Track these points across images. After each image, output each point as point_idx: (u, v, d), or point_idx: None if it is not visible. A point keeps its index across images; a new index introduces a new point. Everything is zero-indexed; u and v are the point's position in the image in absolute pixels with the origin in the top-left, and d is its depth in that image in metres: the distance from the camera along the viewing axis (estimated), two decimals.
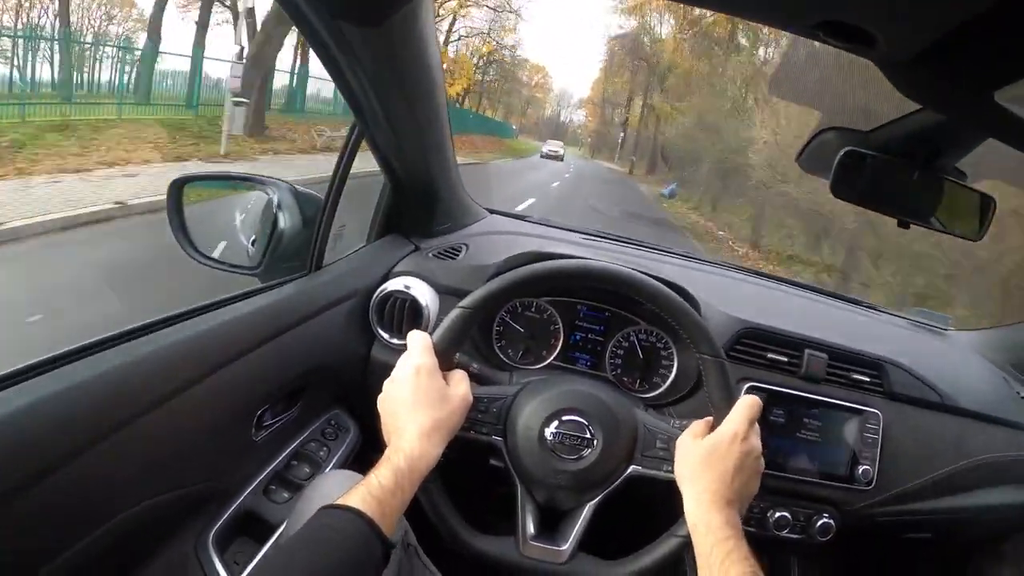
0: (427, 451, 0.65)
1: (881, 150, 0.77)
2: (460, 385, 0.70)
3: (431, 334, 0.72)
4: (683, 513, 0.69)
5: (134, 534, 0.66)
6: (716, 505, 0.65)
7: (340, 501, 0.59)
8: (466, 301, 0.73)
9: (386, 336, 1.00)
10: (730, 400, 0.71)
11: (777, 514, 0.99)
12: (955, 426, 1.05)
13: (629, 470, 0.74)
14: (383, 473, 0.62)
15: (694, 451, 0.69)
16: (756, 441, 0.70)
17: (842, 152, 0.76)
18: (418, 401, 0.67)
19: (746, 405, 0.70)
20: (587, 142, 46.84)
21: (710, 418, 0.72)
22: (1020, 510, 1.08)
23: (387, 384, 0.70)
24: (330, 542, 0.56)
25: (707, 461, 0.68)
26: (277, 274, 0.92)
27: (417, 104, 0.85)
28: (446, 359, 0.71)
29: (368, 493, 0.59)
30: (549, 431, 0.73)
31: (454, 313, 0.73)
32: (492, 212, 1.34)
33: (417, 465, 0.64)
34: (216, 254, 1.01)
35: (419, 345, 0.70)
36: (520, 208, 6.34)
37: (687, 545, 0.67)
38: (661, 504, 0.72)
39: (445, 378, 0.70)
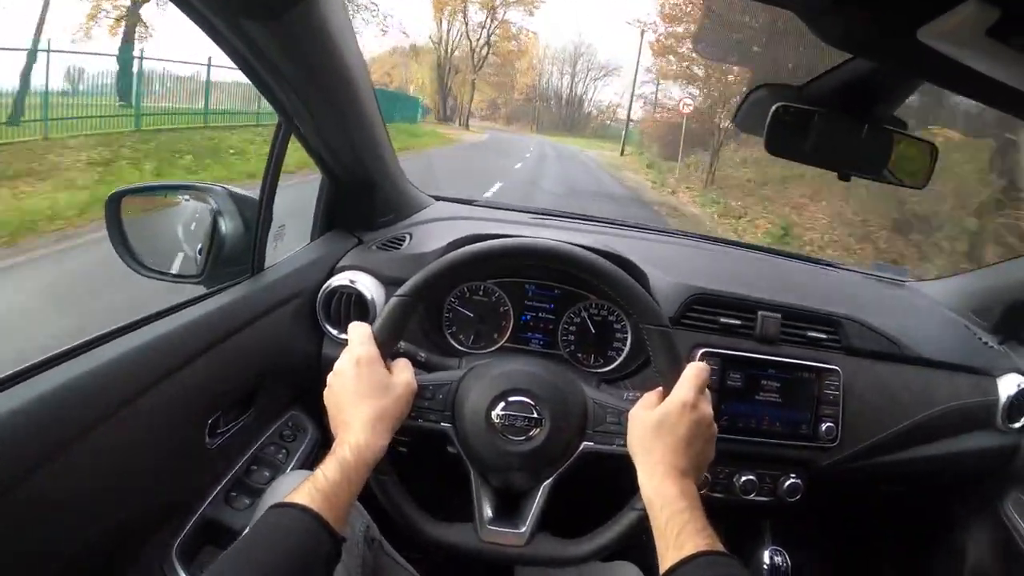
0: (372, 441, 0.65)
1: (816, 103, 0.75)
2: (403, 373, 0.70)
3: (373, 324, 0.72)
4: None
5: (95, 554, 0.66)
6: (670, 476, 0.64)
7: (287, 499, 0.58)
8: (403, 289, 0.72)
9: (335, 332, 1.00)
10: (677, 368, 0.70)
11: (743, 478, 1.00)
12: (918, 376, 1.06)
13: (581, 447, 0.73)
14: (329, 467, 0.62)
15: (645, 423, 0.68)
16: (707, 408, 0.69)
17: (773, 108, 0.75)
18: (360, 392, 0.67)
19: (694, 373, 0.69)
20: (643, 139, 19.05)
21: (660, 389, 0.71)
22: (988, 453, 1.09)
23: (330, 377, 0.70)
24: (277, 540, 0.55)
25: (658, 432, 0.67)
26: (221, 280, 0.91)
27: (338, 95, 0.83)
28: (388, 348, 0.71)
29: (314, 488, 0.59)
30: (495, 413, 0.72)
31: (392, 302, 0.72)
32: (439, 199, 1.33)
33: (364, 456, 0.63)
34: (175, 267, 0.99)
35: (359, 336, 0.70)
36: None
37: (646, 518, 0.66)
38: (620, 479, 0.71)
39: (388, 367, 0.70)
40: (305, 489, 0.59)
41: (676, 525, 0.60)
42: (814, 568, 1.22)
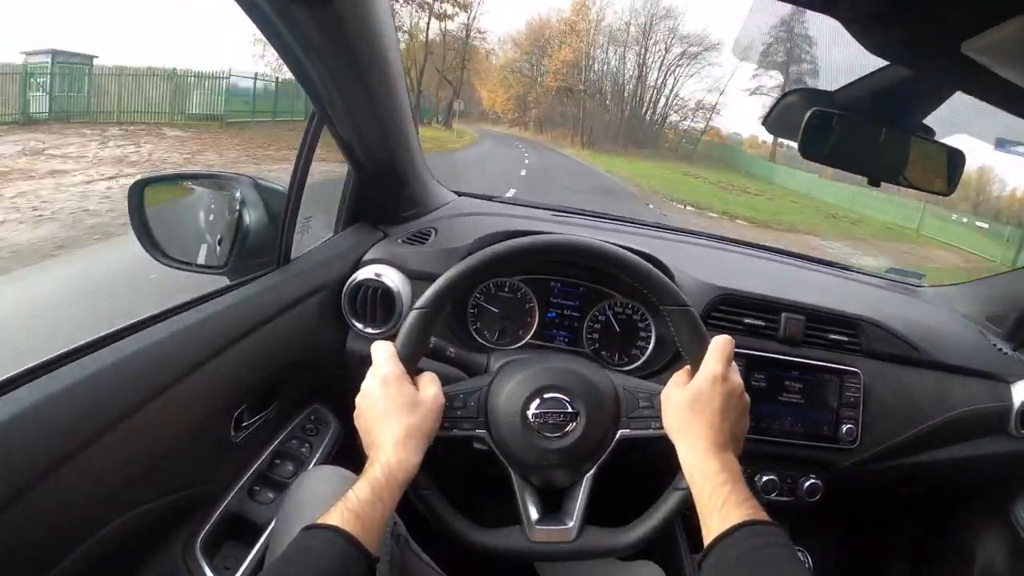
0: (404, 459, 0.65)
1: (848, 109, 0.76)
2: (430, 388, 0.70)
3: (395, 341, 0.71)
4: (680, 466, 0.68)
5: (120, 546, 0.65)
6: (710, 451, 0.65)
7: (320, 520, 0.59)
8: (421, 301, 0.72)
9: (360, 326, 0.99)
10: (702, 344, 0.70)
11: (764, 478, 1.00)
12: (935, 380, 1.07)
13: (618, 435, 0.73)
14: (361, 487, 0.62)
15: (679, 401, 0.69)
16: (737, 378, 0.70)
17: (809, 113, 0.76)
18: (389, 411, 0.67)
19: (719, 346, 0.70)
20: None
21: (688, 367, 0.72)
22: (1001, 458, 1.10)
23: (358, 399, 0.70)
24: (309, 562, 0.56)
25: (693, 408, 0.68)
26: (245, 271, 0.90)
27: (374, 88, 0.83)
28: (412, 364, 0.71)
29: (346, 508, 0.59)
30: (531, 412, 0.72)
31: (411, 315, 0.71)
32: (461, 195, 1.33)
33: (395, 475, 0.64)
34: (198, 257, 0.98)
35: (383, 355, 0.70)
36: None
37: (690, 496, 0.67)
38: (659, 461, 0.72)
39: (415, 383, 0.70)
40: (337, 510, 0.59)
41: (719, 498, 0.61)
42: (833, 567, 1.23)
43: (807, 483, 1.02)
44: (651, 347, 1.01)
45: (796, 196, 17.00)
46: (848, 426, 1.00)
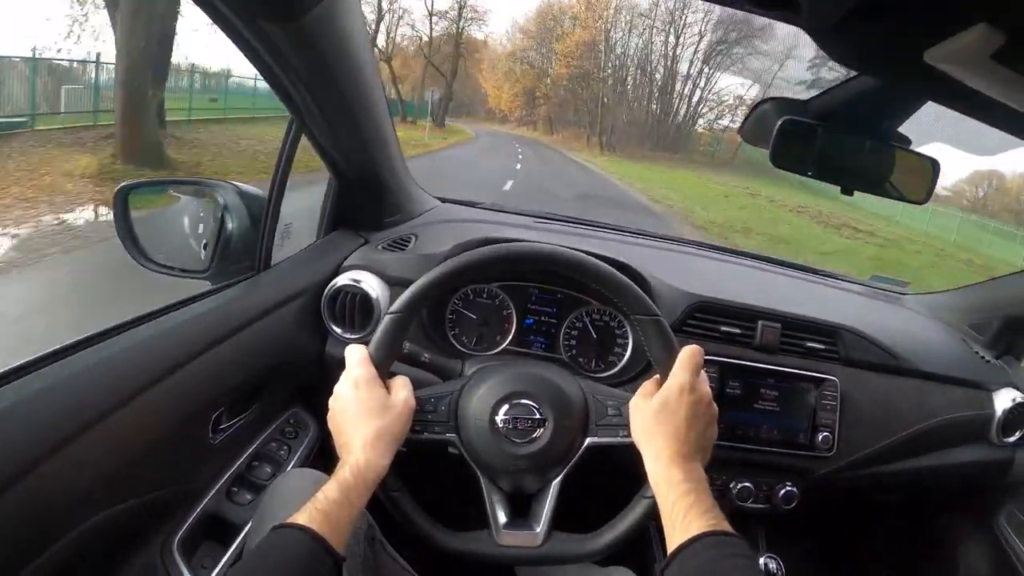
0: (373, 460, 0.66)
1: (821, 118, 0.76)
2: (401, 392, 0.71)
3: (368, 344, 0.72)
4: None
5: (97, 545, 0.66)
6: (674, 460, 0.66)
7: (290, 519, 0.60)
8: (395, 305, 0.73)
9: (339, 331, 1.00)
10: (672, 354, 0.71)
11: (739, 485, 1.01)
12: (915, 388, 1.07)
13: (586, 442, 0.74)
14: (330, 487, 0.63)
15: (646, 410, 0.70)
16: (705, 389, 0.70)
17: (780, 122, 0.76)
18: (360, 413, 0.68)
19: (688, 356, 0.70)
20: None
21: (657, 377, 0.72)
22: (982, 466, 1.10)
23: (331, 401, 0.71)
24: (278, 561, 0.57)
25: (659, 418, 0.68)
26: (228, 276, 0.92)
27: (350, 96, 0.84)
28: (385, 367, 0.72)
29: (315, 508, 0.60)
30: (499, 418, 0.73)
31: (385, 320, 0.72)
32: (444, 200, 1.34)
33: (364, 475, 0.65)
34: (181, 262, 1.00)
35: (355, 358, 0.71)
36: None
37: (657, 505, 0.67)
38: (628, 469, 0.72)
39: (387, 386, 0.71)
40: (306, 510, 0.60)
41: (682, 507, 0.62)
42: (808, 575, 1.23)
43: (783, 490, 1.02)
44: (628, 354, 1.01)
45: (888, 220, 12.99)
46: (824, 434, 1.00)
